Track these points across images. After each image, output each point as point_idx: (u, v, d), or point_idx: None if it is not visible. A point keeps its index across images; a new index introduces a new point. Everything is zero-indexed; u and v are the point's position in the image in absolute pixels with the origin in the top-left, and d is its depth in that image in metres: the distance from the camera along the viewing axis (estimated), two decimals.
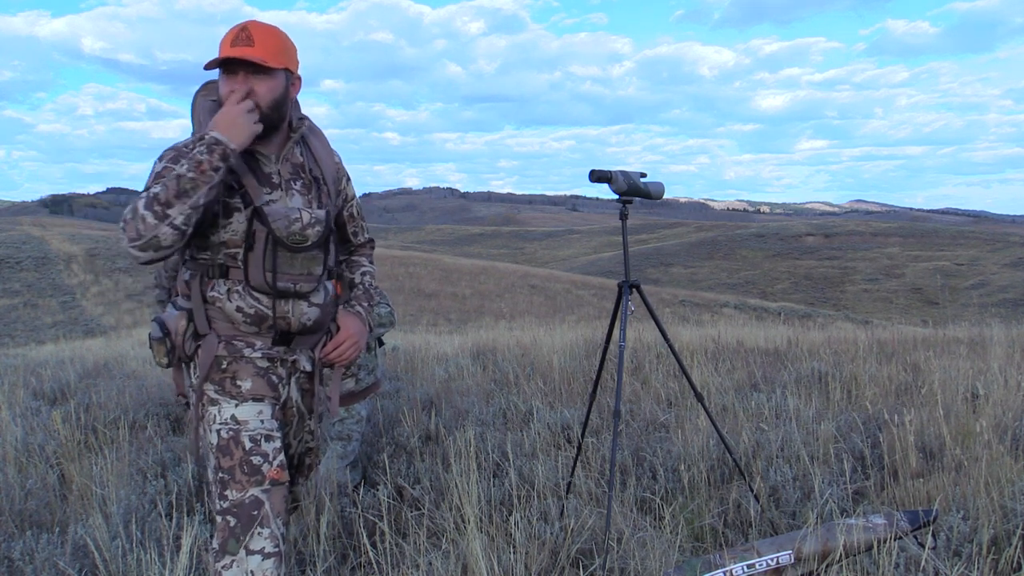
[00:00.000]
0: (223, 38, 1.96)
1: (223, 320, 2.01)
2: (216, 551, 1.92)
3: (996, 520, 2.53)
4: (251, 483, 1.92)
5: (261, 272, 1.96)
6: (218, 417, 1.97)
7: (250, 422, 1.97)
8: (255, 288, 1.99)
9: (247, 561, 1.89)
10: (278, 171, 2.03)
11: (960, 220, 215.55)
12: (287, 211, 1.98)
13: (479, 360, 6.39)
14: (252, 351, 2.02)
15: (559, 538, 2.61)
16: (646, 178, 2.96)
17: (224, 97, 1.96)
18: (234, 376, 2.00)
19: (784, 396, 4.37)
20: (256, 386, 2.01)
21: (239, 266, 1.98)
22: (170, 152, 1.97)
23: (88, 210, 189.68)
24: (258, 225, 1.95)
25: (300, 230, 1.98)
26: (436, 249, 78.39)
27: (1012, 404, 3.72)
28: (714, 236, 78.25)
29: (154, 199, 1.81)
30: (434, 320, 22.22)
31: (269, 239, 1.96)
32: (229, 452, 1.94)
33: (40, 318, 25.19)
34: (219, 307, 2.00)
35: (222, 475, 1.93)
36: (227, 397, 1.99)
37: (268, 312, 2.01)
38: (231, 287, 1.99)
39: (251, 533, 1.90)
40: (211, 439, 1.97)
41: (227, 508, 1.92)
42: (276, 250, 1.97)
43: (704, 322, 11.61)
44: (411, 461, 3.70)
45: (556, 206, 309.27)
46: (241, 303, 1.99)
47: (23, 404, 5.06)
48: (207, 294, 2.00)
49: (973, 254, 60.43)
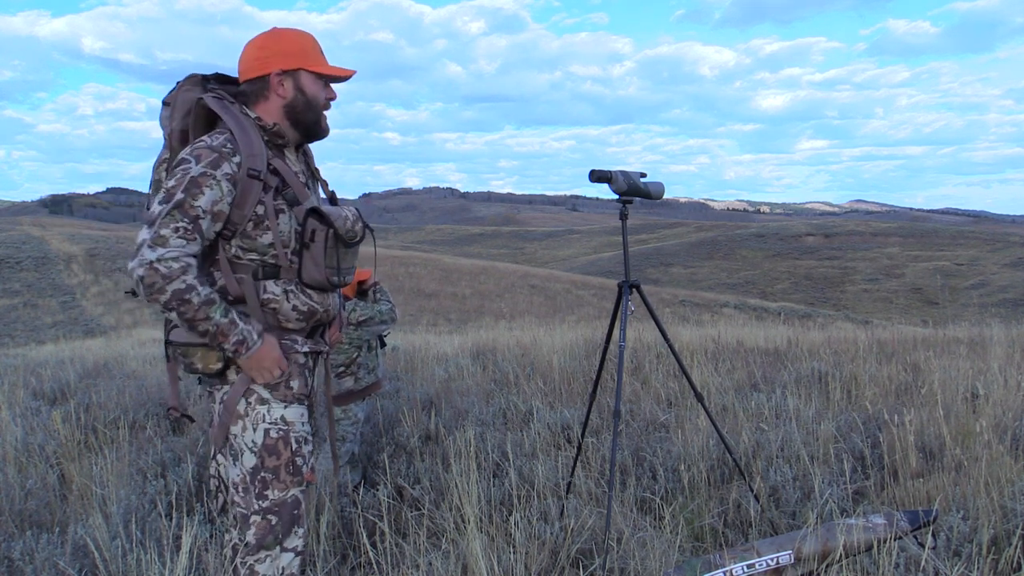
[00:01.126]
0: (308, 44, 2.04)
1: (273, 319, 2.03)
2: (250, 545, 1.96)
3: (996, 520, 2.53)
4: (293, 483, 1.99)
5: (321, 269, 2.01)
6: (267, 417, 2.00)
7: (296, 424, 2.02)
8: (309, 285, 2.03)
9: (281, 558, 1.97)
10: (301, 171, 2.09)
11: (960, 220, 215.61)
12: (338, 210, 2.05)
13: (479, 360, 6.39)
14: (299, 348, 2.06)
15: (559, 538, 2.61)
16: (646, 178, 2.96)
17: (323, 103, 2.06)
18: (288, 377, 2.03)
19: (784, 396, 4.37)
20: (300, 385, 2.06)
21: (290, 265, 2.00)
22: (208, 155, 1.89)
23: (88, 210, 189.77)
24: (316, 224, 1.99)
25: (352, 226, 2.07)
26: (436, 249, 78.42)
27: (1012, 404, 3.72)
28: (714, 236, 78.26)
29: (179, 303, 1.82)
30: (434, 320, 22.22)
31: (330, 236, 2.01)
32: (276, 452, 1.98)
33: (40, 318, 25.19)
34: (273, 307, 2.01)
35: (265, 474, 1.97)
36: (278, 398, 2.01)
37: (318, 307, 2.07)
38: (285, 287, 2.01)
39: (291, 532, 1.98)
40: (254, 438, 1.99)
41: (268, 507, 1.97)
42: (337, 247, 2.04)
43: (704, 322, 11.60)
44: (411, 461, 3.70)
45: (556, 206, 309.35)
46: (296, 302, 2.03)
47: (23, 404, 5.06)
48: (260, 296, 2.00)
49: (973, 254, 60.43)
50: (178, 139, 2.04)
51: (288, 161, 2.05)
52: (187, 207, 1.84)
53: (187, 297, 1.81)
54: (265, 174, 1.95)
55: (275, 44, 2.01)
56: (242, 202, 1.92)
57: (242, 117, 1.98)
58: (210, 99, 1.98)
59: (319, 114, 2.06)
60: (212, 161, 1.88)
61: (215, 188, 1.87)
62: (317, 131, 2.08)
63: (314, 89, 2.03)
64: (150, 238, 1.81)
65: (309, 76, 2.02)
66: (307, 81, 2.02)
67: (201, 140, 1.93)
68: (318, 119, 2.07)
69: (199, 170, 1.86)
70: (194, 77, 2.07)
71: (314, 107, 2.04)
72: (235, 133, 1.93)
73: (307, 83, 2.02)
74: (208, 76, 2.09)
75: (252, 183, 1.92)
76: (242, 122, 1.96)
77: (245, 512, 1.99)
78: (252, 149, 1.94)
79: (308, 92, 2.03)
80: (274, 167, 1.98)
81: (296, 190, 2.00)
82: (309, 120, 2.05)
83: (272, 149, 2.01)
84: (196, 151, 1.90)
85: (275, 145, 2.03)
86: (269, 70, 2.00)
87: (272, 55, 2.00)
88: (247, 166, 1.92)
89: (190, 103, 2.03)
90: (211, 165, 1.87)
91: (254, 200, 1.93)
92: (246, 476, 1.99)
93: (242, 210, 1.92)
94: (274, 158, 1.99)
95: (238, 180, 1.90)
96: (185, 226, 1.83)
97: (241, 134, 1.94)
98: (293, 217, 1.99)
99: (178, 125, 2.05)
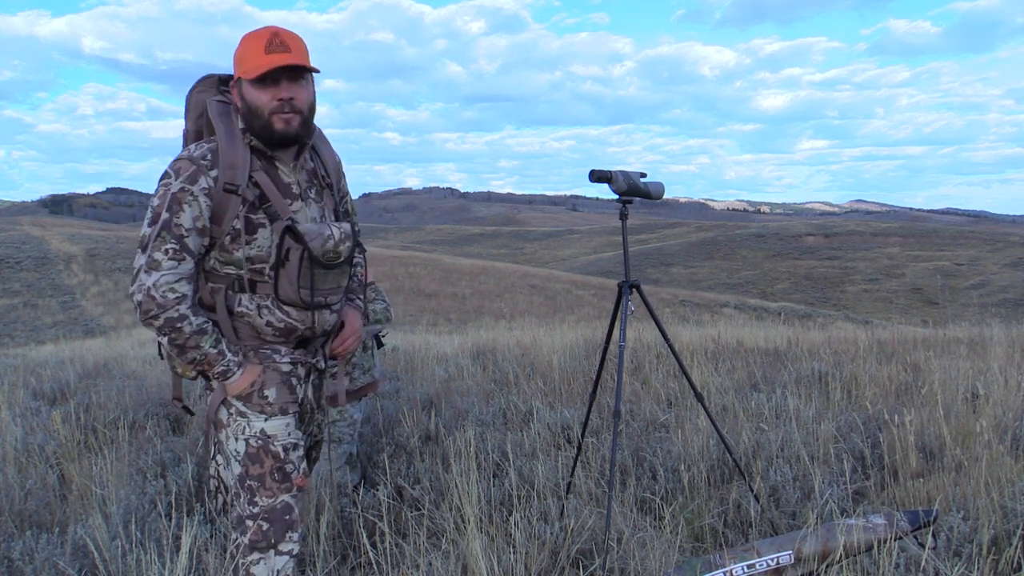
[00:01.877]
0: (250, 45, 1.92)
1: (249, 331, 2.02)
2: (246, 547, 1.97)
3: (996, 520, 2.53)
4: (281, 490, 2.00)
5: (295, 288, 1.97)
6: (247, 429, 2.00)
7: (279, 435, 2.02)
8: (285, 302, 2.00)
9: (275, 560, 1.99)
10: (297, 181, 2.04)
11: (960, 220, 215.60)
12: (319, 228, 1.99)
13: (479, 360, 6.38)
14: (280, 357, 2.05)
15: (559, 538, 2.61)
16: (646, 178, 2.96)
17: (267, 107, 1.92)
18: (262, 387, 2.02)
19: (784, 396, 4.37)
20: (280, 395, 2.04)
21: (267, 281, 1.98)
22: (187, 168, 1.89)
23: (88, 210, 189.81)
24: (291, 243, 1.95)
25: (333, 247, 2.01)
26: (436, 249, 78.40)
27: (1012, 404, 3.72)
28: (714, 236, 78.24)
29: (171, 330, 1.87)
30: (434, 320, 22.21)
31: (304, 256, 1.96)
32: (259, 460, 1.99)
33: (40, 318, 25.18)
34: (247, 321, 2.00)
35: (251, 482, 1.98)
36: (255, 411, 2.01)
37: (297, 324, 2.04)
38: (260, 302, 1.99)
39: (285, 537, 1.99)
40: (237, 447, 2.00)
41: (258, 513, 1.98)
42: (312, 267, 1.98)
43: (704, 322, 11.60)
44: (411, 461, 3.69)
45: (556, 206, 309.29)
46: (271, 318, 2.01)
47: (23, 404, 5.06)
48: (234, 308, 2.00)
49: (973, 254, 60.42)
50: (192, 140, 2.06)
51: (281, 172, 2.01)
52: (173, 227, 1.86)
53: (179, 326, 1.86)
54: (243, 188, 1.92)
55: (235, 53, 1.98)
56: (220, 216, 1.91)
57: (234, 127, 1.97)
58: (212, 103, 1.98)
59: (266, 119, 1.93)
60: (190, 175, 1.88)
61: (193, 205, 1.87)
62: (270, 136, 1.95)
63: (253, 95, 1.92)
64: (145, 263, 1.85)
65: (247, 83, 1.94)
66: (246, 88, 1.94)
67: (186, 150, 1.94)
68: (265, 124, 1.93)
69: (178, 186, 1.87)
70: (210, 78, 2.07)
71: (257, 114, 1.93)
72: (221, 144, 1.93)
73: (247, 91, 1.94)
74: (224, 77, 2.07)
75: (229, 197, 1.91)
76: (233, 132, 1.95)
77: (241, 514, 2.01)
78: (233, 162, 1.91)
79: (248, 99, 1.94)
80: (255, 180, 1.94)
81: (276, 205, 1.95)
82: (257, 127, 1.95)
83: (262, 160, 1.98)
84: (177, 164, 1.91)
85: (265, 156, 2.00)
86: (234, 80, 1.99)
87: (233, 64, 1.99)
88: (223, 180, 1.90)
89: (202, 105, 2.03)
90: (189, 180, 1.87)
91: (232, 214, 1.91)
92: (236, 482, 2.01)
93: (220, 224, 1.92)
94: (258, 171, 1.95)
95: (214, 194, 1.89)
96: (174, 247, 1.86)
97: (227, 145, 1.93)
98: (273, 232, 1.95)
99: (191, 126, 2.06)
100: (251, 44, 1.92)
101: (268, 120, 1.93)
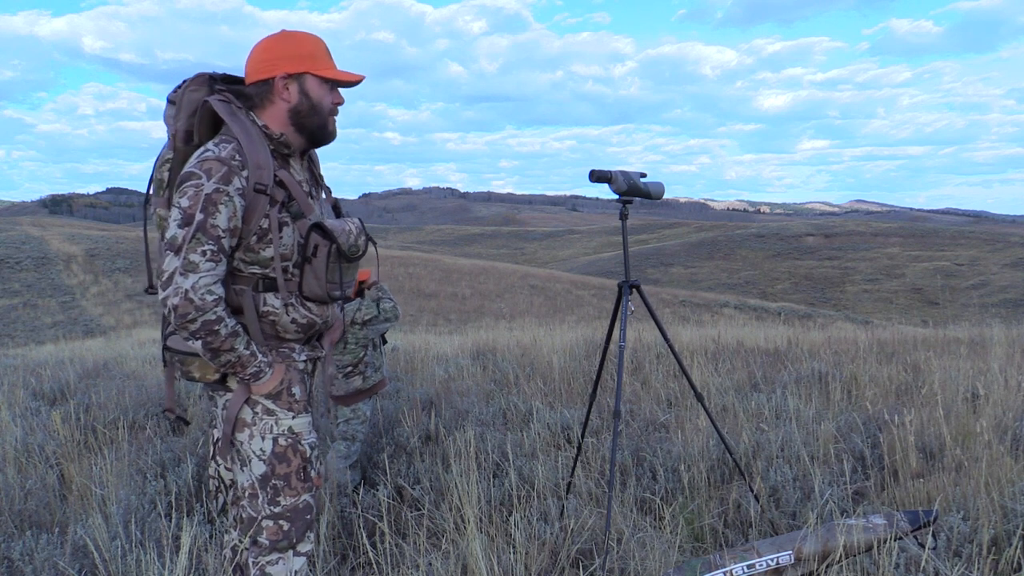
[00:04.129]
0: (318, 47, 2.00)
1: (271, 330, 2.03)
2: (265, 547, 1.98)
3: (996, 520, 2.53)
4: (304, 489, 2.01)
5: (321, 283, 2.00)
6: (275, 427, 2.00)
7: (304, 433, 2.03)
8: (308, 298, 2.02)
9: (293, 561, 2.00)
10: (305, 180, 2.08)
11: (960, 220, 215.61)
12: (342, 224, 2.03)
13: (479, 360, 6.39)
14: (296, 355, 2.06)
15: (559, 538, 2.61)
16: (646, 178, 2.96)
17: (328, 108, 2.03)
18: (289, 385, 2.03)
19: (784, 396, 4.37)
20: (302, 393, 2.06)
21: (292, 278, 2.00)
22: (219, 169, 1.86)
23: (88, 210, 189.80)
24: (319, 239, 1.97)
25: (354, 241, 2.05)
26: (436, 249, 78.41)
27: (1012, 404, 3.72)
28: (714, 236, 78.22)
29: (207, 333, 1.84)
30: (434, 320, 22.22)
31: (332, 253, 1.99)
32: (287, 459, 1.99)
33: (40, 318, 25.19)
34: (271, 319, 2.00)
35: (276, 481, 1.99)
36: (284, 408, 2.01)
37: (316, 319, 2.06)
38: (285, 300, 2.00)
39: (305, 537, 2.01)
40: (263, 446, 2.00)
41: (280, 512, 1.98)
42: (340, 262, 2.03)
43: (704, 322, 11.60)
44: (411, 461, 3.69)
45: (556, 206, 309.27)
46: (296, 315, 2.02)
47: (23, 404, 5.06)
48: (259, 308, 1.99)
49: (973, 254, 60.41)
50: (182, 139, 2.01)
51: (293, 171, 2.03)
52: (209, 228, 1.82)
53: (216, 328, 1.84)
54: (272, 188, 1.92)
55: (282, 47, 1.99)
56: (248, 216, 1.91)
57: (250, 125, 1.95)
58: (216, 103, 1.95)
59: (325, 119, 2.02)
60: (223, 176, 1.85)
61: (229, 205, 1.85)
62: (323, 136, 2.05)
63: (319, 93, 2.00)
64: (180, 265, 1.80)
65: (315, 80, 1.99)
66: (312, 85, 1.99)
67: (208, 150, 1.89)
68: (324, 124, 2.03)
69: (212, 186, 1.84)
70: (201, 76, 2.04)
71: (319, 112, 2.01)
72: (242, 143, 1.90)
73: (312, 87, 1.99)
74: (216, 76, 2.06)
75: (259, 197, 1.91)
76: (250, 131, 1.94)
77: (254, 516, 1.99)
78: (259, 161, 1.91)
79: (313, 96, 1.99)
80: (280, 179, 1.95)
81: (301, 203, 1.98)
82: (314, 125, 2.01)
83: (278, 159, 2.00)
84: (206, 164, 1.86)
85: (281, 155, 2.01)
86: (275, 73, 1.97)
87: (278, 58, 1.98)
88: (254, 180, 1.90)
89: (196, 104, 2.00)
90: (223, 180, 1.85)
91: (260, 214, 1.91)
92: (255, 483, 1.99)
93: (248, 224, 1.91)
94: (279, 169, 1.97)
95: (247, 195, 1.89)
96: (211, 248, 1.83)
97: (249, 144, 1.91)
98: (296, 230, 1.97)
99: (183, 125, 2.01)
100: (318, 46, 2.01)
101: (326, 120, 2.03)
